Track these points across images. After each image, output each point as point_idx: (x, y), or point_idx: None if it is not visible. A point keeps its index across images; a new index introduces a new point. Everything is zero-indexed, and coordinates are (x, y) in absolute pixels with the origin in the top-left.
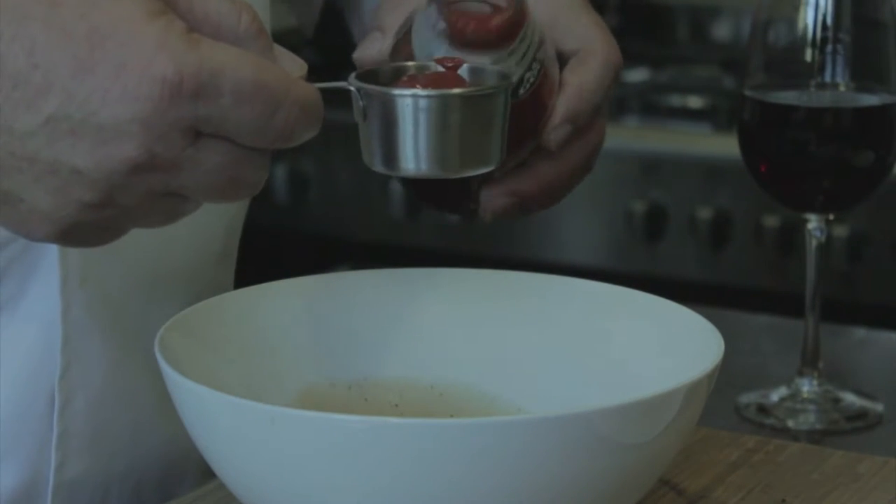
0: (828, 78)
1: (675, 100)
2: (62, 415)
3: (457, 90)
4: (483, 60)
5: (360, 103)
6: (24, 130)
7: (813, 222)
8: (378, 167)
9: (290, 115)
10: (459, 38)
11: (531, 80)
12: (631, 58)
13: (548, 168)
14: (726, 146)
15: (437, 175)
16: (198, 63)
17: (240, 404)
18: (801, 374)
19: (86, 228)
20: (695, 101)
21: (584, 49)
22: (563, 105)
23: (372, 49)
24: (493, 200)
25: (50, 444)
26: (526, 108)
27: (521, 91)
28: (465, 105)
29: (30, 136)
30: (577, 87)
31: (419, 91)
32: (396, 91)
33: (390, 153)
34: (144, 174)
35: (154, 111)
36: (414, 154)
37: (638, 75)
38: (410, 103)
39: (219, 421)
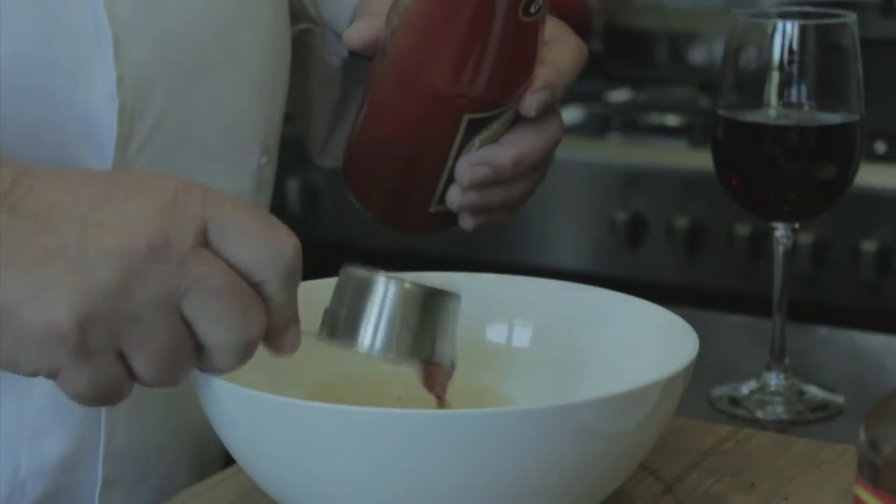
0: (793, 98)
1: (655, 118)
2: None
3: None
4: None
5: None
6: (60, 229)
7: (780, 230)
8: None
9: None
10: None
11: (541, 0)
12: (614, 79)
13: (519, 141)
14: (701, 160)
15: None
16: (202, 184)
17: (257, 397)
18: (768, 368)
19: (101, 326)
20: (672, 120)
21: (559, 38)
22: (543, 75)
23: (361, 30)
24: (469, 170)
25: (97, 417)
26: (530, 34)
27: (533, 8)
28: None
29: (63, 233)
30: (554, 63)
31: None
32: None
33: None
34: (158, 260)
35: (171, 201)
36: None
37: (620, 95)
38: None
39: (237, 412)
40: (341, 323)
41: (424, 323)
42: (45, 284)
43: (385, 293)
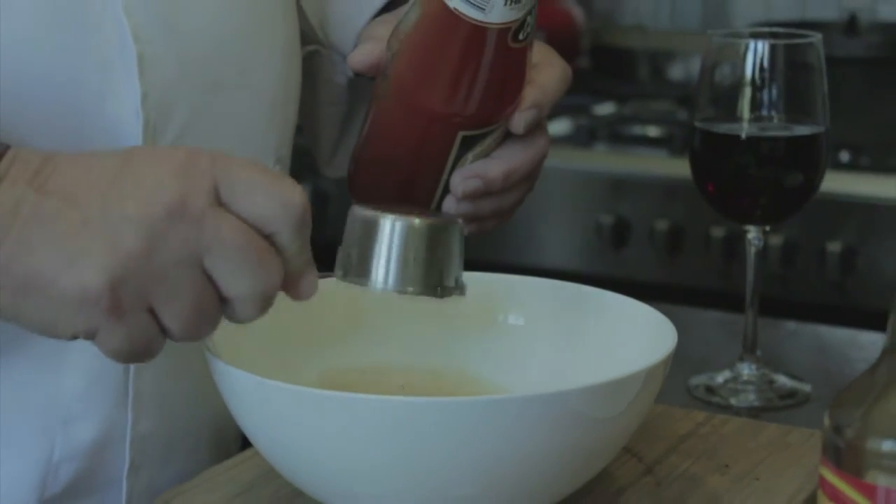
0: (764, 112)
1: (637, 129)
2: (136, 380)
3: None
4: None
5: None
6: (85, 203)
7: (752, 232)
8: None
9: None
10: None
11: (528, 27)
12: (600, 94)
13: (509, 155)
14: (680, 168)
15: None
16: (211, 154)
17: (271, 385)
18: (741, 359)
19: (131, 286)
20: (654, 131)
21: (545, 61)
22: (531, 95)
23: (364, 54)
24: (463, 182)
25: (124, 405)
26: (518, 59)
27: (521, 35)
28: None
29: (88, 206)
30: (541, 84)
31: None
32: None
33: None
34: (178, 222)
35: (183, 167)
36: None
37: (606, 109)
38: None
39: (253, 400)
40: (353, 263)
41: (432, 255)
42: (77, 253)
43: (392, 232)
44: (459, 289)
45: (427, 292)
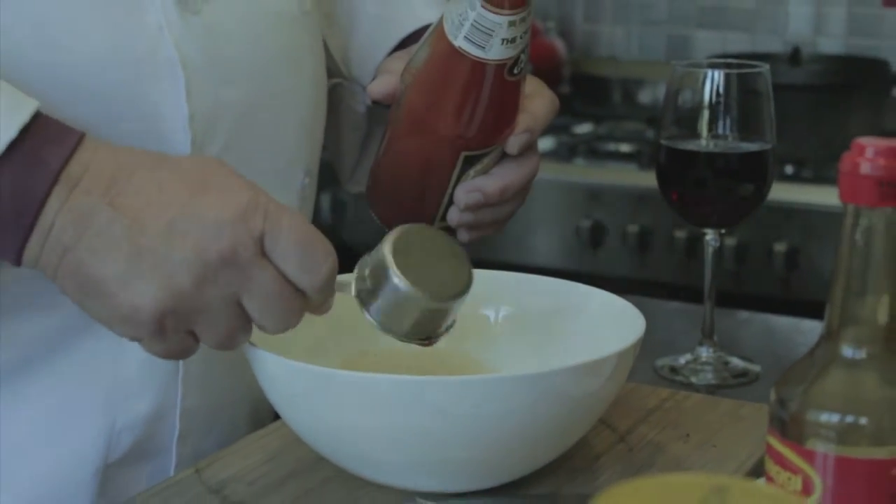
0: (720, 131)
1: (611, 146)
2: (185, 363)
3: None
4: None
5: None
6: (151, 231)
7: (710, 235)
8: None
9: (330, 272)
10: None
11: (522, 63)
12: (579, 115)
13: (505, 173)
14: (648, 180)
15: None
16: (268, 199)
17: (298, 367)
18: (701, 344)
19: (176, 316)
20: (625, 147)
21: (537, 92)
22: (524, 121)
23: (381, 85)
24: (465, 196)
25: (175, 383)
26: (514, 90)
27: (516, 70)
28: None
29: (154, 234)
30: (533, 111)
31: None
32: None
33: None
34: (227, 268)
35: (242, 214)
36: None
37: (584, 128)
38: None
39: (282, 379)
40: (365, 292)
41: (424, 322)
42: (137, 275)
43: (395, 291)
44: (446, 330)
45: (413, 342)
